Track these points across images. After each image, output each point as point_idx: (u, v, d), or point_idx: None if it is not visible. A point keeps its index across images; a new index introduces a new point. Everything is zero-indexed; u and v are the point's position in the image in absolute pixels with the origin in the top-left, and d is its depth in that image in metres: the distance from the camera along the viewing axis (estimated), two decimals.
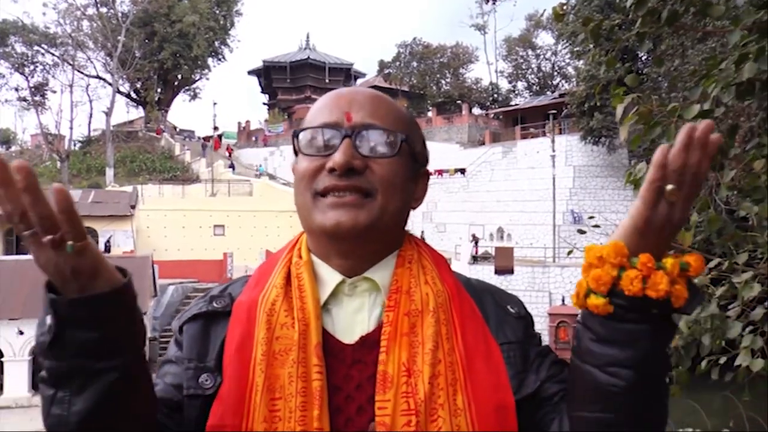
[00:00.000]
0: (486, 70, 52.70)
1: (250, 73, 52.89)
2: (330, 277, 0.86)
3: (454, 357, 0.81)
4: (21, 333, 16.23)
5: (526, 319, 0.91)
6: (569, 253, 3.57)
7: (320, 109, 0.88)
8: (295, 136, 0.87)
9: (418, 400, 0.77)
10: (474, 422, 0.78)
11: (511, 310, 0.90)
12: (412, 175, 0.89)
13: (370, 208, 0.82)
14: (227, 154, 41.20)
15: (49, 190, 0.62)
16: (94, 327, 0.67)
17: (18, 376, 16.43)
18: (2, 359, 16.49)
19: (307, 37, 53.30)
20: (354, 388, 0.81)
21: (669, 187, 0.69)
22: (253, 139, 47.15)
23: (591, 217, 3.88)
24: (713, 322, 2.32)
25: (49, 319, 0.66)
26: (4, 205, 0.62)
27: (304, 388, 0.77)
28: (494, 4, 37.50)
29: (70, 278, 0.66)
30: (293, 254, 0.90)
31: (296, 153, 0.89)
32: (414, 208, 0.91)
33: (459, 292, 0.87)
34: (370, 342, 0.83)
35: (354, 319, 0.85)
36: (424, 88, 41.43)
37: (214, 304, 0.88)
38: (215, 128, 44.56)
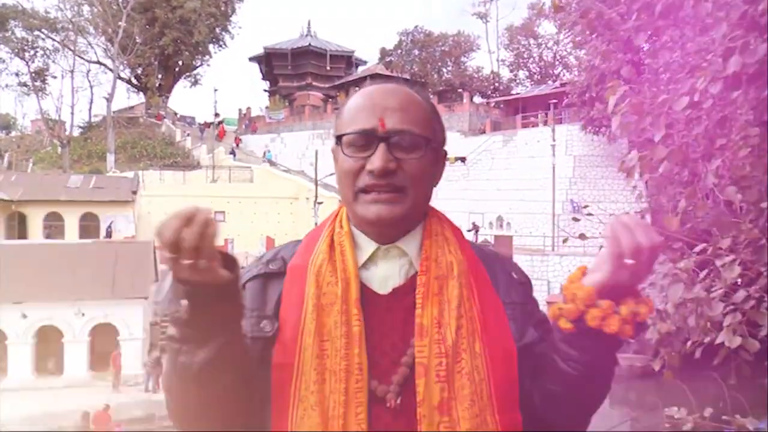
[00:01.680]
0: (487, 59, 52.35)
1: (251, 59, 52.55)
2: (367, 244, 1.07)
3: (473, 313, 1.03)
4: (25, 316, 16.35)
5: (526, 284, 1.14)
6: (564, 241, 3.69)
7: (358, 114, 1.05)
8: (339, 139, 1.06)
9: (447, 346, 0.99)
10: (488, 364, 1.00)
11: (515, 276, 1.13)
12: (435, 162, 1.09)
13: (403, 201, 1.02)
14: (235, 144, 40.90)
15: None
16: (211, 307, 0.90)
17: (22, 358, 16.55)
18: (6, 342, 16.60)
19: (309, 24, 52.77)
20: (388, 329, 1.03)
21: (628, 261, 0.91)
22: (243, 126, 46.60)
23: (585, 206, 3.99)
24: (698, 305, 2.43)
25: (184, 302, 0.89)
26: (167, 236, 0.82)
27: (346, 332, 0.99)
28: None
29: (198, 279, 0.87)
30: (335, 225, 1.10)
31: (337, 142, 1.08)
32: (435, 185, 1.10)
33: (475, 261, 1.09)
34: (400, 293, 1.04)
35: (387, 275, 1.06)
36: (425, 76, 41.26)
37: (270, 267, 1.10)
38: (216, 114, 44.35)
